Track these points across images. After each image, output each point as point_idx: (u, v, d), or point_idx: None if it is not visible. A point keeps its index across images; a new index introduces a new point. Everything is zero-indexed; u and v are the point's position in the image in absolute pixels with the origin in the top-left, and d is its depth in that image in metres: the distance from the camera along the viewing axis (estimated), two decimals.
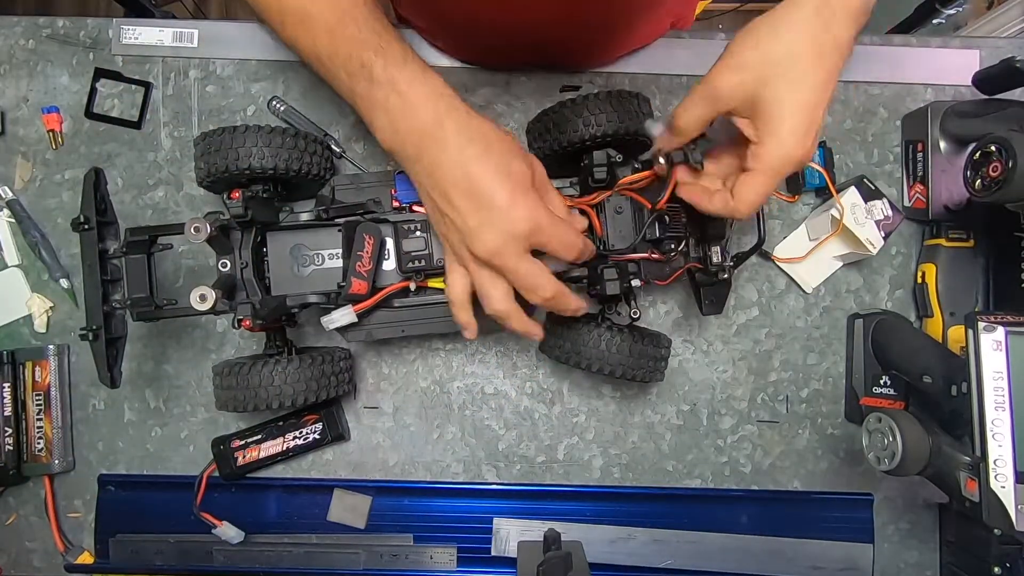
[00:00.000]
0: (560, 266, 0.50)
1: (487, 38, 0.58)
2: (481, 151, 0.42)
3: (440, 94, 0.43)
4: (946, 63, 0.63)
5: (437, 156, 0.43)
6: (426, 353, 0.63)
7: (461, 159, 0.42)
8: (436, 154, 0.43)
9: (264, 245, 0.53)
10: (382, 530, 0.61)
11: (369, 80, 0.43)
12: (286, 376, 0.51)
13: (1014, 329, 0.46)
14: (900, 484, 0.61)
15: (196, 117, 0.62)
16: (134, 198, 0.62)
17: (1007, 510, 0.45)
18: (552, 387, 0.63)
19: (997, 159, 0.48)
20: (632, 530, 0.60)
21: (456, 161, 0.42)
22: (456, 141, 0.42)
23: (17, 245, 0.62)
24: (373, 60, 0.43)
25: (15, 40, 0.63)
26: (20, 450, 0.60)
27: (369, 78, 0.43)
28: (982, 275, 0.59)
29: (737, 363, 0.62)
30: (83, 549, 0.62)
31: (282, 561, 0.60)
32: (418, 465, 0.62)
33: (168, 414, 0.62)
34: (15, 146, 0.62)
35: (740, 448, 0.62)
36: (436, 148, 0.43)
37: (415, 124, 0.43)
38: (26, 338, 0.62)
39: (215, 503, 0.60)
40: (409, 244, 0.52)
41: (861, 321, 0.60)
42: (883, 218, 0.58)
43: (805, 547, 0.60)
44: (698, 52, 0.63)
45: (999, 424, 0.46)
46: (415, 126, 0.43)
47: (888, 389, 0.60)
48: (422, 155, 0.43)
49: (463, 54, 0.62)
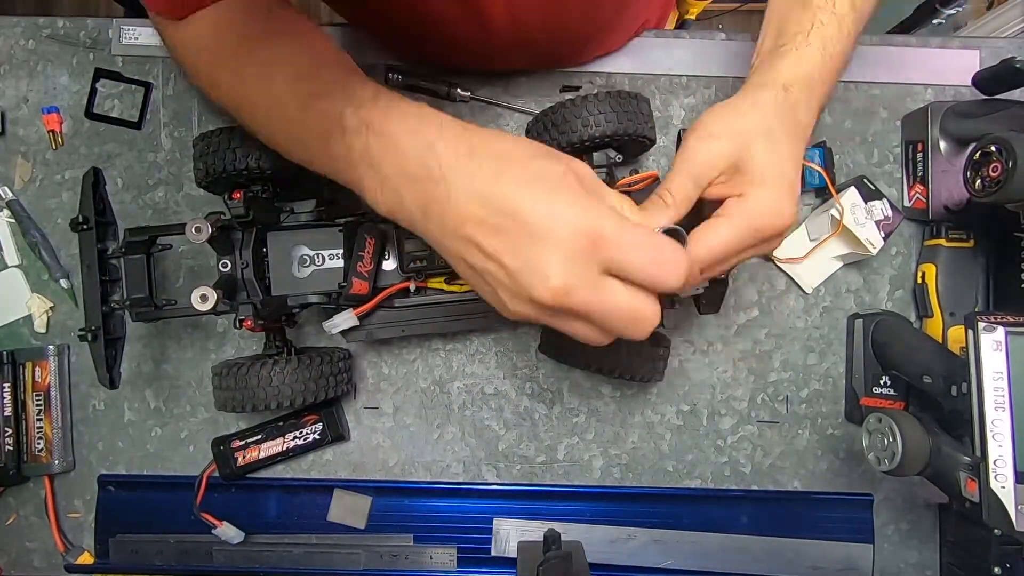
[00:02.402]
0: None
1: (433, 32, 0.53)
2: (495, 169, 0.33)
3: (422, 117, 0.36)
4: (946, 63, 0.63)
5: (441, 195, 0.34)
6: (426, 353, 0.63)
7: (472, 188, 0.33)
8: (439, 193, 0.34)
9: (264, 245, 0.53)
10: (382, 530, 0.61)
11: (342, 132, 0.37)
12: (285, 376, 0.51)
13: (1014, 329, 0.46)
14: (900, 484, 0.61)
15: (196, 117, 0.62)
16: (134, 198, 0.62)
17: (1007, 510, 0.45)
18: (552, 387, 0.63)
19: (997, 159, 0.48)
20: (632, 530, 0.60)
21: (466, 193, 0.33)
22: (458, 168, 0.34)
23: (17, 245, 0.62)
24: (342, 109, 0.37)
25: (15, 40, 0.63)
26: (20, 450, 0.60)
27: (342, 130, 0.37)
28: (982, 275, 0.59)
29: (737, 363, 0.62)
30: (83, 549, 0.62)
31: (282, 561, 0.60)
32: (418, 465, 0.62)
33: (168, 414, 0.62)
34: (15, 146, 0.62)
35: (740, 448, 0.62)
36: (436, 187, 0.34)
37: (404, 165, 0.35)
38: (26, 338, 0.62)
39: (215, 503, 0.60)
40: (410, 244, 0.52)
41: (861, 321, 0.60)
42: (883, 218, 0.58)
43: (805, 547, 0.60)
44: (698, 52, 0.63)
45: (999, 424, 0.46)
46: (405, 168, 0.35)
47: (888, 389, 0.60)
48: (425, 203, 0.34)
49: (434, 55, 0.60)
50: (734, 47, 0.63)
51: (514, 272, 0.32)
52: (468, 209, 0.33)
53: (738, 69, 0.63)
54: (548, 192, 0.32)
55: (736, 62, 0.63)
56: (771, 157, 0.40)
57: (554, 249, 0.31)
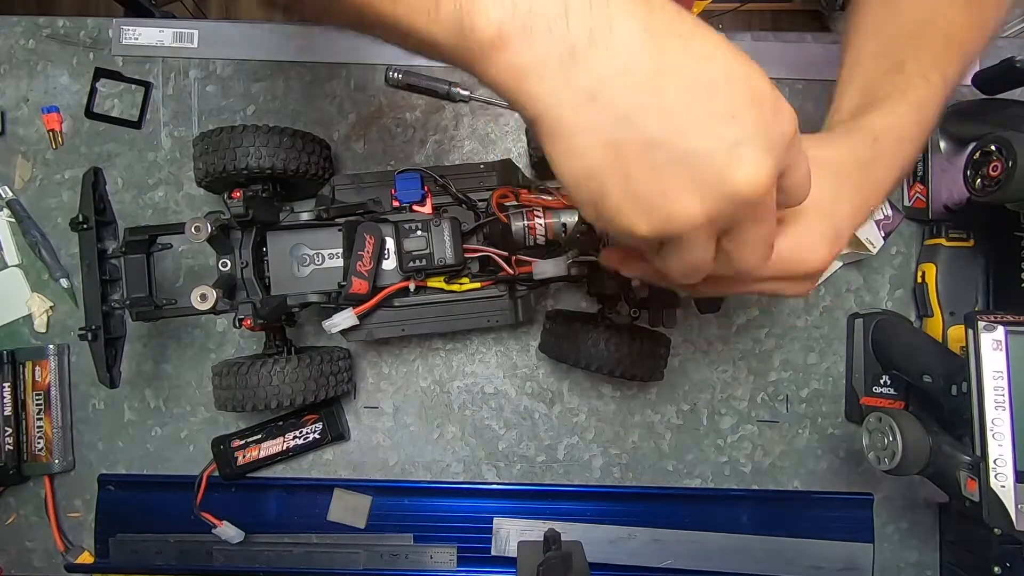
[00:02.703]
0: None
1: None
2: (694, 23, 0.26)
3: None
4: None
5: (639, 23, 0.25)
6: (426, 353, 0.63)
7: (683, 28, 0.25)
8: (637, 20, 0.25)
9: (264, 245, 0.53)
10: (382, 530, 0.61)
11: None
12: (285, 376, 0.51)
13: (1014, 329, 0.46)
14: (900, 484, 0.61)
15: (196, 117, 0.62)
16: (134, 198, 0.62)
17: (1007, 510, 0.45)
18: (552, 387, 0.63)
19: (997, 159, 0.48)
20: (632, 530, 0.60)
21: (679, 29, 0.25)
22: (662, 4, 0.25)
23: (17, 245, 0.62)
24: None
25: (15, 40, 0.63)
26: (20, 450, 0.60)
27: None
28: (982, 275, 0.59)
29: (737, 363, 0.62)
30: (83, 549, 0.62)
31: (282, 561, 0.60)
32: (418, 465, 0.62)
33: (168, 414, 0.62)
34: (15, 146, 0.62)
35: (740, 448, 0.62)
36: (633, 10, 0.25)
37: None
38: (26, 338, 0.62)
39: (215, 503, 0.60)
40: (409, 243, 0.52)
41: (861, 321, 0.60)
42: (883, 218, 0.58)
43: (805, 547, 0.60)
44: None
45: (999, 424, 0.46)
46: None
47: (888, 389, 0.60)
48: (608, 28, 0.24)
49: None
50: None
51: (718, 148, 0.25)
52: (676, 53, 0.25)
53: None
54: (758, 67, 0.26)
55: None
56: (827, 194, 0.36)
57: (768, 129, 0.25)
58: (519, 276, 0.52)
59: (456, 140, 0.62)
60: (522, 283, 0.54)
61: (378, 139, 0.63)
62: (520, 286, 0.54)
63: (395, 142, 0.63)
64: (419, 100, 0.62)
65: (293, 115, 0.63)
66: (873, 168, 0.39)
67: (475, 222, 0.53)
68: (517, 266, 0.52)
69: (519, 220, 0.51)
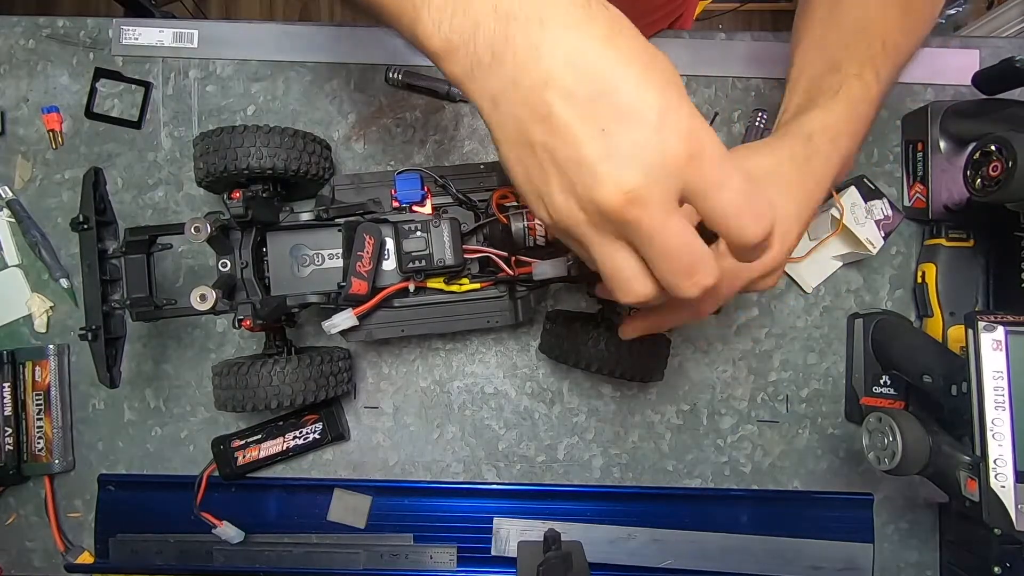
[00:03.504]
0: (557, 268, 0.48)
1: None
2: (608, 30, 0.27)
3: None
4: (946, 63, 0.63)
5: (530, 40, 0.27)
6: (426, 353, 0.63)
7: (573, 43, 0.26)
8: (528, 37, 0.27)
9: (264, 245, 0.53)
10: (382, 530, 0.61)
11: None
12: (285, 376, 0.51)
13: (1014, 329, 0.46)
14: (900, 484, 0.61)
15: (196, 117, 0.62)
16: (134, 198, 0.62)
17: (1007, 510, 0.45)
18: (552, 387, 0.63)
19: (997, 159, 0.48)
20: (632, 530, 0.60)
21: (565, 47, 0.26)
22: (566, 14, 0.27)
23: (17, 245, 0.62)
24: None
25: (15, 40, 0.63)
26: (20, 450, 0.60)
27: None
28: (982, 275, 0.59)
29: (737, 363, 0.62)
30: (83, 549, 0.62)
31: (282, 561, 0.60)
32: (418, 465, 0.62)
33: (168, 414, 0.62)
34: (15, 146, 0.62)
35: (740, 448, 0.62)
36: (527, 28, 0.27)
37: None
38: (26, 338, 0.62)
39: (215, 503, 0.60)
40: (409, 244, 0.52)
41: (861, 321, 0.60)
42: (883, 218, 0.58)
43: (805, 547, 0.60)
44: (698, 52, 0.63)
45: (999, 424, 0.46)
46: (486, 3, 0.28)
47: (888, 389, 0.60)
48: (503, 45, 0.27)
49: None
50: (734, 47, 0.63)
51: (585, 159, 0.26)
52: (558, 68, 0.26)
53: (738, 69, 0.63)
54: (661, 83, 0.26)
55: (736, 62, 0.63)
56: (775, 198, 0.40)
57: (644, 146, 0.25)
58: (519, 277, 0.52)
59: (456, 140, 0.62)
60: (522, 284, 0.54)
61: (378, 139, 0.63)
62: (520, 287, 0.54)
63: (395, 142, 0.63)
64: (419, 100, 0.62)
65: (293, 115, 0.63)
66: (810, 164, 0.42)
67: (475, 223, 0.53)
68: (517, 267, 0.52)
69: (519, 221, 0.51)
